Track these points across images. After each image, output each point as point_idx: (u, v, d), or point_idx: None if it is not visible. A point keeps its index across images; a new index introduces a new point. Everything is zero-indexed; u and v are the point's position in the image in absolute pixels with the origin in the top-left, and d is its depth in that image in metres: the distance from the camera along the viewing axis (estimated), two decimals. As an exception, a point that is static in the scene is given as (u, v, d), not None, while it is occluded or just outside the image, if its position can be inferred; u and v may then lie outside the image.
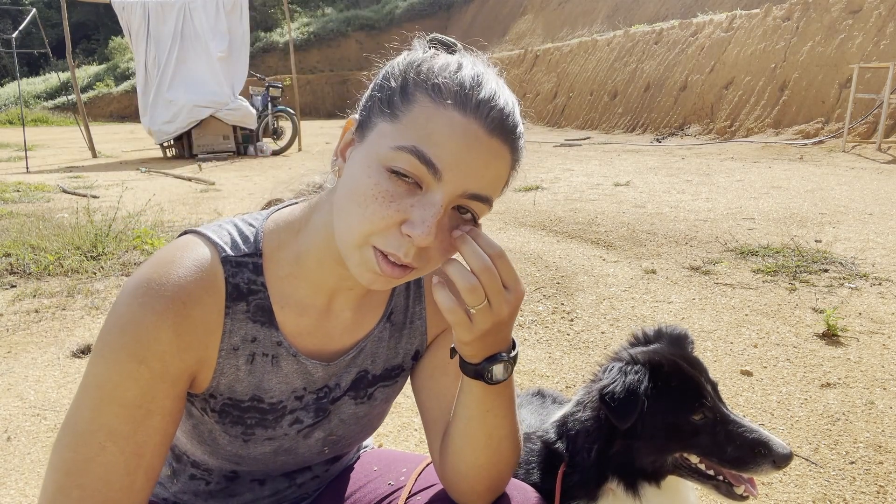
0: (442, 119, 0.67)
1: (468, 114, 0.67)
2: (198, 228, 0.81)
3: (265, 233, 0.82)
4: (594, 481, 1.01)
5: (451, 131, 0.66)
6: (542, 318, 3.07)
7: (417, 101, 0.68)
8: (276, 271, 0.81)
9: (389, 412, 1.02)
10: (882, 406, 2.15)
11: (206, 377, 0.79)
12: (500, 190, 0.74)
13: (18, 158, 11.44)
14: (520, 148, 0.73)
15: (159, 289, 0.71)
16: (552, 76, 17.64)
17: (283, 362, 0.83)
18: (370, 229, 0.68)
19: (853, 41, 10.02)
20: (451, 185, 0.67)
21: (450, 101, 0.67)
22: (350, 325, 0.87)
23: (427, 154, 0.66)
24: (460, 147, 0.66)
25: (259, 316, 0.80)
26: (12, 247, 4.21)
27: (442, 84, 0.68)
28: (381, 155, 0.68)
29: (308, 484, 1.01)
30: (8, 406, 2.29)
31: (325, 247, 0.78)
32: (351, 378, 0.90)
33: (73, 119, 18.63)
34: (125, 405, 0.70)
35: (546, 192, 6.74)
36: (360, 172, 0.69)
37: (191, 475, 0.94)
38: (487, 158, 0.68)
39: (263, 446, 0.87)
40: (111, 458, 0.70)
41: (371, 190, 0.67)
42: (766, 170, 7.83)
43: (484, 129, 0.67)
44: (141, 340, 0.70)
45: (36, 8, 13.71)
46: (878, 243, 4.16)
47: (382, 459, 1.08)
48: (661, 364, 1.00)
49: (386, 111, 0.70)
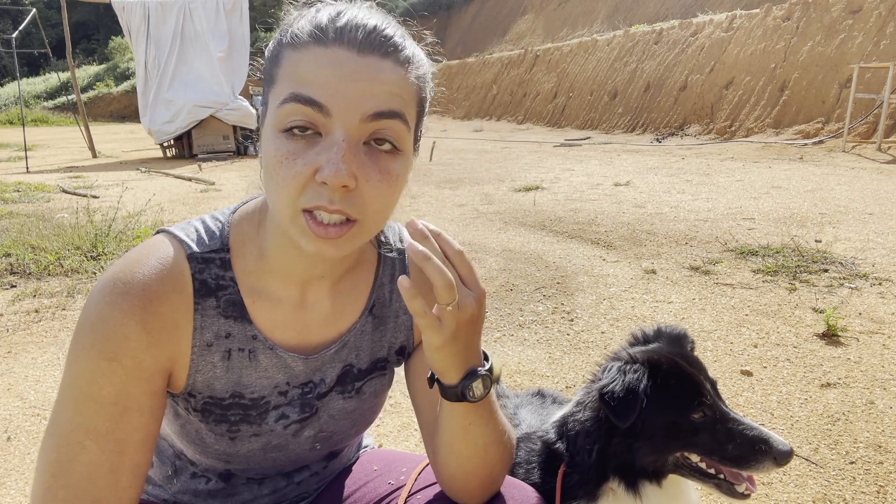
0: (306, 59, 0.68)
1: (330, 44, 0.68)
2: (168, 228, 0.82)
3: (231, 228, 0.83)
4: (594, 481, 1.01)
5: (318, 66, 0.67)
6: (542, 318, 3.07)
7: (284, 57, 0.70)
8: (243, 266, 0.81)
9: (389, 412, 1.02)
10: (882, 406, 2.15)
11: (182, 374, 0.79)
12: (412, 105, 0.73)
13: (18, 158, 11.44)
14: (408, 58, 0.71)
15: (125, 287, 0.72)
16: (552, 76, 17.64)
17: (261, 356, 0.83)
18: (290, 194, 0.68)
19: (853, 41, 10.03)
20: (343, 115, 0.67)
21: (310, 40, 0.68)
22: (329, 318, 0.87)
23: (303, 94, 0.66)
24: (333, 75, 0.66)
25: (230, 311, 0.80)
26: (12, 247, 4.21)
27: (299, 30, 0.69)
28: (272, 122, 0.69)
29: (307, 482, 1.00)
30: (8, 406, 2.29)
31: (281, 235, 0.78)
32: (336, 373, 0.89)
33: (73, 119, 18.65)
34: (101, 403, 0.71)
35: (546, 192, 6.74)
36: (265, 147, 0.71)
37: (192, 473, 0.94)
38: (368, 76, 0.67)
39: (251, 443, 0.86)
40: (93, 456, 0.71)
41: (275, 157, 0.68)
42: (766, 170, 7.83)
43: (352, 52, 0.67)
44: (110, 338, 0.71)
45: (36, 8, 13.71)
46: (878, 243, 4.16)
47: (382, 459, 1.08)
48: (661, 363, 1.00)
49: (268, 84, 0.72)
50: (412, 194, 6.86)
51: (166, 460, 0.95)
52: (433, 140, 12.61)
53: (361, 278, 0.89)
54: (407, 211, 5.92)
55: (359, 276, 0.89)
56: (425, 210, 5.99)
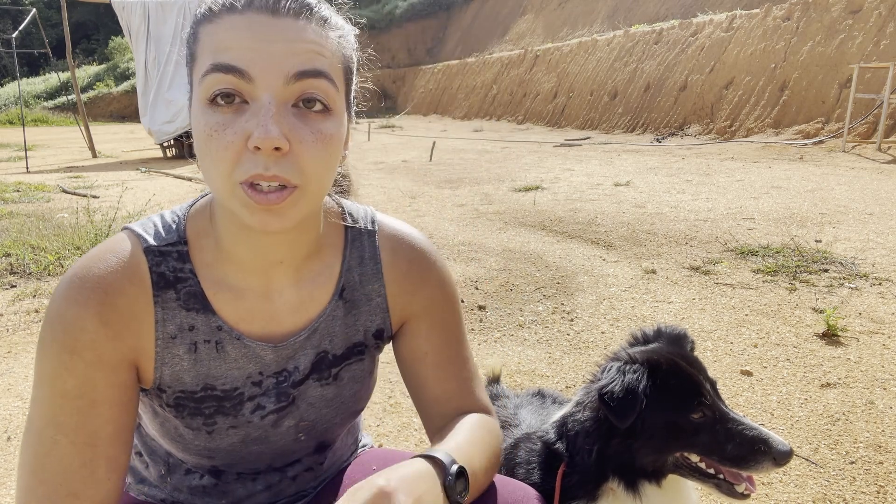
0: (222, 29, 0.68)
1: (244, 10, 0.68)
2: (129, 224, 0.83)
3: (188, 221, 0.83)
4: (594, 481, 1.01)
5: (235, 33, 0.67)
6: (542, 318, 3.07)
7: (201, 32, 0.70)
8: (202, 258, 0.81)
9: (390, 412, 1.02)
10: (882, 406, 2.15)
11: (149, 368, 0.80)
12: (337, 66, 0.73)
13: (18, 158, 11.44)
14: (325, 18, 0.72)
15: (80, 282, 0.74)
16: (552, 76, 17.64)
17: (229, 347, 0.82)
18: (224, 167, 0.67)
19: (853, 41, 10.02)
20: (266, 78, 0.66)
21: (223, 10, 0.69)
22: (296, 305, 0.86)
23: (223, 62, 0.66)
24: (250, 40, 0.66)
25: (192, 303, 0.80)
26: (12, 247, 4.21)
27: (211, 4, 0.70)
28: (198, 97, 0.69)
29: (302, 477, 0.99)
30: (8, 406, 2.29)
31: (230, 221, 0.78)
32: (310, 360, 0.88)
33: (73, 119, 18.65)
34: (67, 397, 0.72)
35: (546, 192, 6.74)
36: (194, 125, 0.70)
37: (185, 470, 0.94)
38: (287, 36, 0.68)
39: (230, 436, 0.86)
40: (64, 451, 0.72)
41: (205, 131, 0.68)
42: (766, 170, 7.83)
43: (265, 15, 0.67)
44: (68, 331, 0.72)
45: (36, 8, 13.71)
46: (878, 243, 4.16)
47: (382, 458, 1.08)
48: (660, 363, 1.00)
49: (190, 62, 0.72)
50: (412, 194, 6.87)
51: (158, 459, 0.95)
52: (433, 140, 12.61)
53: (327, 263, 0.88)
54: (407, 211, 5.92)
55: (323, 261, 0.88)
56: (425, 210, 5.99)
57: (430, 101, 24.83)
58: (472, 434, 0.86)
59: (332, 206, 0.91)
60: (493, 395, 1.52)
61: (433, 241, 4.69)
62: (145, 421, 0.91)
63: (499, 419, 1.33)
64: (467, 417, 0.90)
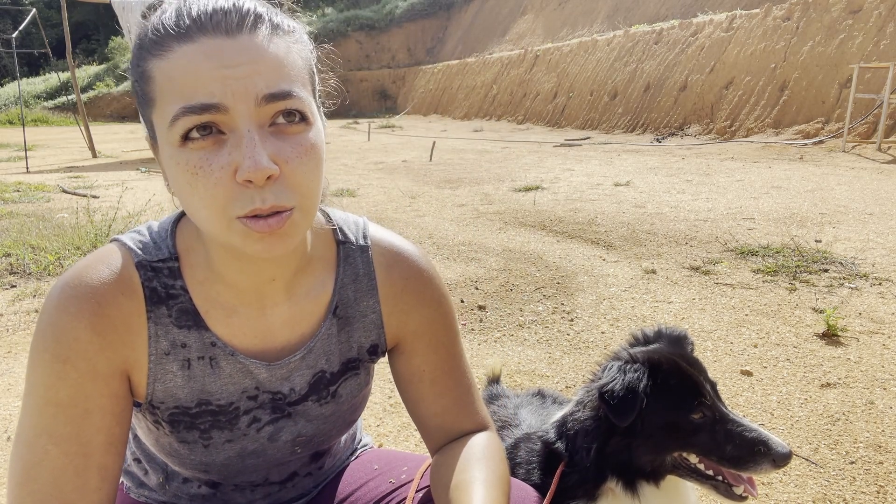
0: (178, 66, 0.64)
1: (196, 38, 0.64)
2: (118, 236, 0.82)
3: (177, 235, 0.82)
4: (593, 481, 1.01)
5: (195, 66, 0.63)
6: (542, 318, 3.07)
7: (153, 71, 0.66)
8: (193, 274, 0.80)
9: (390, 412, 1.02)
10: (882, 406, 2.15)
11: (142, 382, 0.79)
12: (302, 71, 0.70)
13: (18, 158, 11.44)
14: (277, 24, 0.68)
15: (73, 291, 0.72)
16: (552, 76, 17.64)
17: (223, 363, 0.81)
18: (217, 205, 0.65)
19: (853, 41, 10.02)
20: (239, 106, 0.63)
21: (174, 44, 0.64)
22: (289, 320, 0.85)
23: (196, 103, 0.63)
24: (214, 69, 0.63)
25: (184, 321, 0.79)
26: (12, 247, 4.21)
27: (156, 38, 0.65)
28: (169, 139, 0.66)
29: (302, 482, 1.00)
30: (8, 406, 2.29)
31: (222, 248, 0.76)
32: (307, 381, 0.87)
33: (73, 119, 18.65)
34: (60, 406, 0.71)
35: (546, 192, 6.74)
36: (170, 167, 0.68)
37: (183, 479, 0.93)
38: (250, 57, 0.64)
39: (226, 450, 0.85)
40: (56, 461, 0.71)
41: (186, 173, 0.65)
42: (766, 170, 7.83)
43: (220, 38, 0.64)
44: (61, 341, 0.71)
45: (36, 8, 13.71)
46: (878, 243, 4.16)
47: (383, 458, 1.08)
48: (660, 363, 1.00)
49: (145, 104, 0.69)
50: (412, 194, 6.87)
51: (157, 467, 0.95)
52: (433, 140, 12.61)
53: (319, 279, 0.86)
54: (407, 211, 5.92)
55: (315, 275, 0.86)
56: (425, 210, 5.99)
57: (430, 101, 24.83)
58: (490, 490, 0.81)
59: (319, 218, 0.89)
60: (494, 395, 1.53)
61: (433, 241, 4.71)
62: (141, 433, 0.91)
63: (499, 419, 1.34)
64: (474, 453, 0.88)
